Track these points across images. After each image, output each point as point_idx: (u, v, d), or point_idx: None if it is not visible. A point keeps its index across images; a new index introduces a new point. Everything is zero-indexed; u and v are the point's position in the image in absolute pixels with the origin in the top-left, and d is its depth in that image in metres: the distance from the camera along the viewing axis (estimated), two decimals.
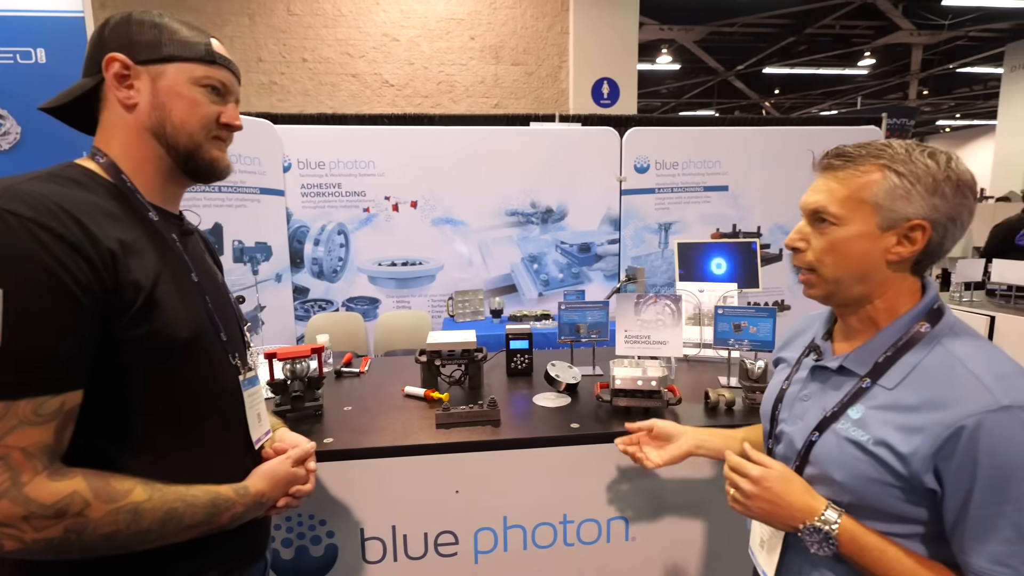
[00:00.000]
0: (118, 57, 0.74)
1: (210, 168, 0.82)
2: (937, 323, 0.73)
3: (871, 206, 0.71)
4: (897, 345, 0.73)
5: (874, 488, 0.70)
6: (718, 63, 9.21)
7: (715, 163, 3.58)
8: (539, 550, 1.28)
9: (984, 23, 7.43)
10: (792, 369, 0.88)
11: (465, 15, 4.99)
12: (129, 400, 0.70)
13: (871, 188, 0.71)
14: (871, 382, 0.74)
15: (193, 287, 0.79)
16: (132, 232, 0.72)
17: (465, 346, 1.55)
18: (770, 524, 0.79)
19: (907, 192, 0.69)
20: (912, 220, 0.70)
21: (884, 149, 0.72)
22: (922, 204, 0.69)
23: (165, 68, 0.76)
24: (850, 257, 0.73)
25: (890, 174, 0.70)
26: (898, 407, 0.70)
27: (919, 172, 0.69)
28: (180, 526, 0.70)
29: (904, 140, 0.74)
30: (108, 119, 0.78)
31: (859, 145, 0.74)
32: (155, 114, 0.76)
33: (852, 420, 0.74)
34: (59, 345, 0.62)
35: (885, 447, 0.69)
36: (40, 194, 0.64)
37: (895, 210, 0.70)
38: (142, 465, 0.70)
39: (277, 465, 0.87)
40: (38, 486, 0.60)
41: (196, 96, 0.78)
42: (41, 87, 2.16)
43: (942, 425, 0.65)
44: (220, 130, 0.82)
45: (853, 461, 0.72)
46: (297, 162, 3.30)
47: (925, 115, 13.57)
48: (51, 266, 0.61)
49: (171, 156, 0.78)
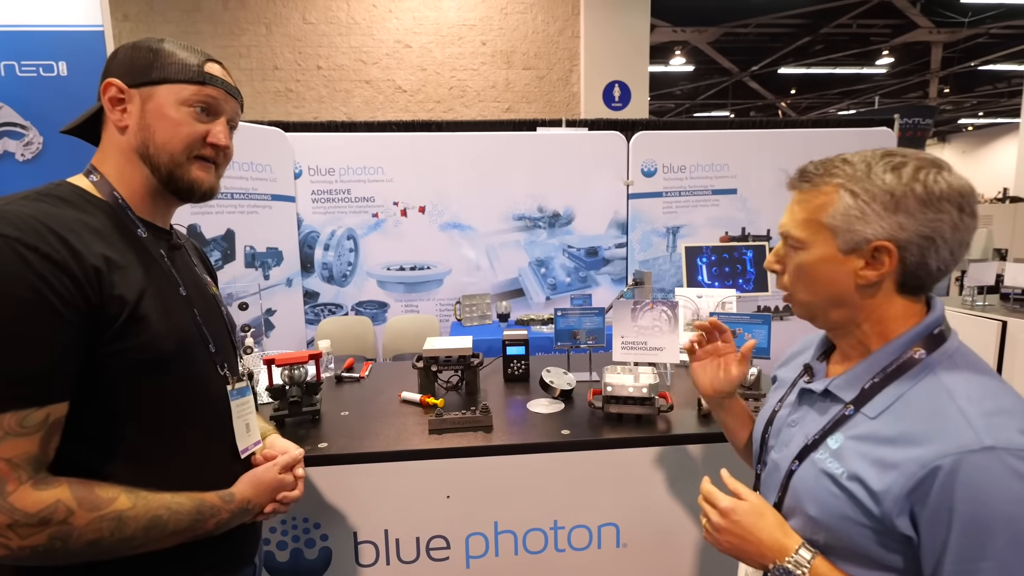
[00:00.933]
0: (113, 82, 0.78)
1: (190, 189, 0.82)
2: (935, 350, 0.66)
3: (828, 229, 0.67)
4: (887, 371, 0.67)
5: (848, 527, 0.64)
6: (732, 64, 9.12)
7: (723, 166, 3.56)
8: (530, 556, 1.29)
9: (1006, 20, 7.23)
10: (786, 391, 0.83)
11: (477, 21, 5.03)
12: (115, 411, 0.73)
13: (827, 210, 0.67)
14: (854, 409, 0.68)
15: (180, 301, 0.81)
16: (118, 249, 0.74)
17: (461, 352, 1.57)
18: (739, 560, 0.75)
19: (863, 213, 0.64)
20: (873, 242, 0.64)
21: (840, 167, 0.67)
22: (882, 224, 0.63)
23: (155, 90, 0.79)
24: (817, 281, 0.70)
25: (844, 194, 0.65)
26: (875, 439, 0.64)
27: (875, 190, 0.64)
28: (164, 532, 0.73)
29: (875, 152, 0.67)
30: (105, 140, 0.82)
31: (819, 162, 0.70)
32: (141, 135, 0.79)
33: (830, 450, 0.68)
34: (43, 359, 0.64)
35: (858, 482, 0.63)
36: (27, 215, 0.67)
37: (853, 232, 0.65)
38: (128, 474, 0.72)
39: (263, 472, 0.88)
40: (23, 495, 0.63)
41: (181, 117, 0.79)
42: (62, 99, 2.24)
43: (917, 463, 0.58)
44: (205, 149, 0.82)
45: (827, 495, 0.66)
46: (308, 169, 3.37)
47: (947, 113, 13.22)
48: (35, 284, 0.64)
49: (155, 176, 0.80)
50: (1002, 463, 0.55)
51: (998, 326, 2.31)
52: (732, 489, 0.76)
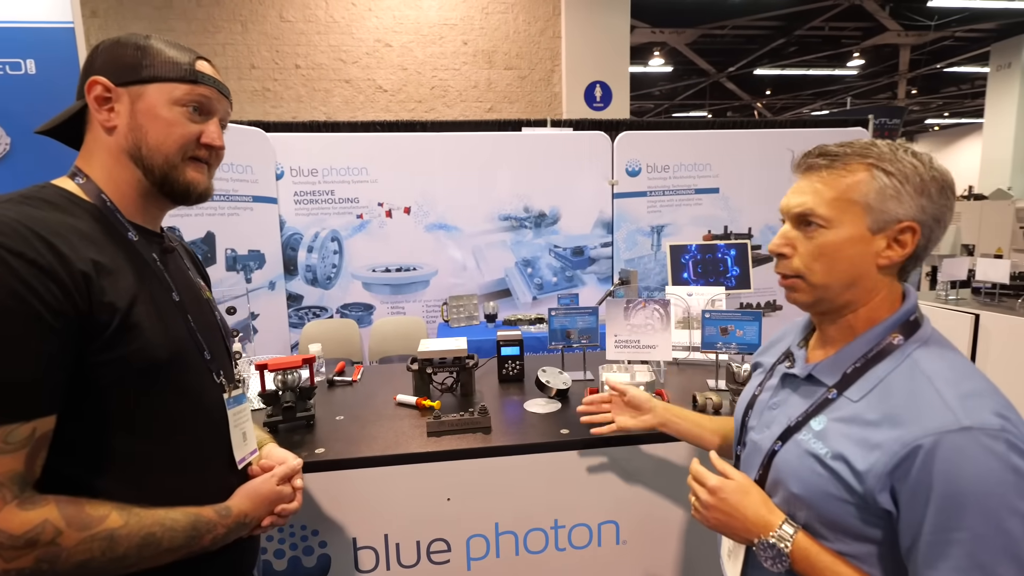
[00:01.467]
0: (99, 80, 0.74)
1: (185, 191, 0.80)
2: (911, 336, 0.69)
3: (861, 207, 0.67)
4: (868, 356, 0.70)
5: (831, 504, 0.67)
6: (710, 65, 9.27)
7: (706, 166, 3.62)
8: (531, 556, 1.29)
9: (970, 23, 7.51)
10: (766, 375, 0.86)
11: (458, 20, 5.01)
12: (105, 423, 0.69)
13: (860, 188, 0.67)
14: (837, 393, 0.71)
15: (174, 306, 0.78)
16: (108, 253, 0.71)
17: (456, 353, 1.56)
18: (726, 535, 0.78)
19: (897, 192, 0.66)
20: (903, 222, 0.67)
21: (870, 148, 0.69)
22: (911, 205, 0.66)
23: (145, 89, 0.76)
24: (840, 262, 0.69)
25: (879, 173, 0.67)
26: (859, 421, 0.67)
27: (907, 171, 0.66)
28: (158, 551, 0.69)
29: (890, 142, 0.70)
30: (90, 140, 0.78)
31: (842, 144, 0.70)
32: (132, 136, 0.75)
33: (814, 431, 0.71)
34: (29, 371, 0.61)
35: (842, 462, 0.66)
36: (11, 218, 0.64)
37: (886, 211, 0.67)
38: (119, 489, 0.69)
39: (261, 484, 0.86)
40: (8, 516, 0.60)
41: (174, 116, 0.77)
42: (31, 98, 2.16)
43: (899, 443, 0.62)
44: (199, 150, 0.80)
45: (810, 474, 0.69)
46: (290, 169, 3.31)
47: (914, 114, 13.68)
48: (19, 291, 0.61)
49: (148, 178, 0.77)
50: (977, 442, 0.58)
51: (971, 319, 2.39)
52: (720, 469, 0.80)
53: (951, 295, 2.74)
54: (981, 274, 2.60)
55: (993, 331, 2.33)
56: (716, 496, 0.77)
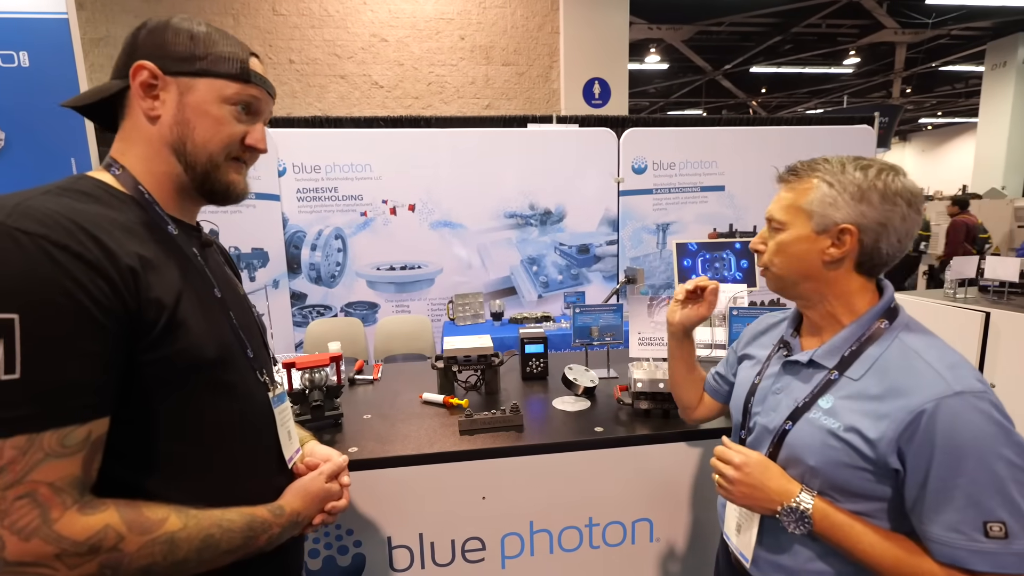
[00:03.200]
0: (147, 66, 0.70)
1: (226, 191, 0.78)
2: (894, 320, 0.81)
3: (806, 212, 0.81)
4: (860, 340, 0.81)
5: (844, 471, 0.77)
6: (706, 62, 9.29)
7: (711, 163, 3.62)
8: (565, 553, 1.28)
9: (966, 21, 7.59)
10: (763, 365, 0.95)
11: (455, 15, 4.96)
12: (155, 424, 0.67)
13: (807, 196, 0.81)
14: (839, 374, 0.81)
15: (217, 303, 0.76)
16: (151, 247, 0.68)
17: (481, 351, 1.55)
18: (750, 507, 0.86)
19: (834, 200, 0.79)
20: (840, 224, 0.79)
21: (822, 164, 0.83)
22: (848, 211, 0.78)
23: (196, 83, 0.73)
24: (792, 257, 0.84)
25: (822, 184, 0.81)
26: (864, 396, 0.77)
27: (846, 182, 0.79)
28: (217, 552, 0.68)
29: (848, 156, 0.83)
30: (129, 128, 0.74)
31: (806, 162, 0.85)
32: (177, 129, 0.73)
33: (823, 409, 0.81)
34: (83, 371, 0.59)
35: (855, 433, 0.76)
36: (52, 210, 0.61)
37: (826, 215, 0.80)
38: (171, 491, 0.67)
39: (310, 481, 0.84)
40: (69, 522, 0.58)
41: (223, 115, 0.74)
42: (25, 91, 2.10)
43: (905, 411, 0.72)
44: (243, 151, 0.78)
45: (825, 448, 0.78)
46: (292, 166, 3.27)
47: (908, 113, 13.81)
48: (69, 288, 0.58)
49: (188, 175, 0.75)
50: (968, 404, 0.70)
51: (981, 317, 2.41)
52: (737, 451, 0.88)
53: (959, 293, 2.77)
54: (990, 272, 2.62)
55: (1004, 329, 2.36)
56: (742, 471, 0.84)
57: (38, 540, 0.56)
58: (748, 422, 0.93)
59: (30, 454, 0.56)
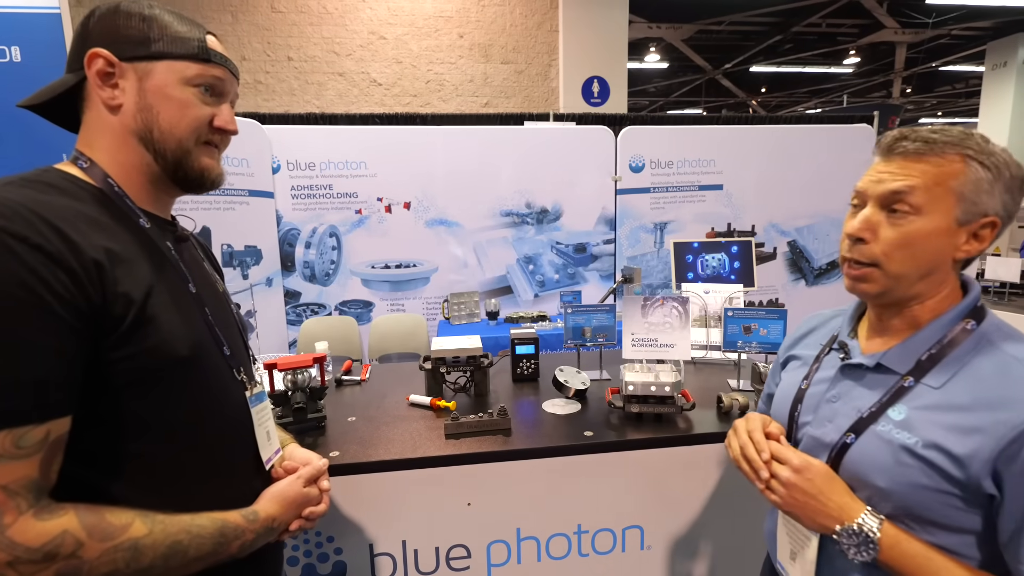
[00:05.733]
0: (101, 53, 0.68)
1: (200, 177, 0.75)
2: (981, 320, 0.69)
3: (955, 197, 0.65)
4: (942, 343, 0.69)
5: (921, 494, 0.65)
6: (706, 61, 9.25)
7: (710, 162, 3.58)
8: (553, 561, 1.25)
9: (967, 21, 7.55)
10: (810, 368, 0.83)
11: (453, 12, 4.92)
12: (123, 425, 0.64)
13: (958, 178, 0.65)
14: (914, 380, 0.69)
15: (191, 299, 0.73)
16: (121, 240, 0.66)
17: (470, 352, 1.51)
18: (800, 520, 0.73)
19: (991, 186, 0.65)
20: (988, 216, 0.66)
21: (967, 138, 0.66)
22: (998, 200, 0.66)
23: (154, 66, 0.70)
24: (924, 253, 0.67)
25: (976, 165, 0.65)
26: (948, 407, 0.66)
27: (1000, 166, 0.65)
28: (185, 559, 0.65)
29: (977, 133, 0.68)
30: (91, 120, 0.71)
31: (936, 130, 0.68)
32: (141, 117, 0.70)
33: (895, 422, 0.69)
34: (40, 368, 0.56)
35: (937, 450, 0.64)
36: (13, 201, 0.58)
37: (978, 204, 0.65)
38: (140, 496, 0.64)
39: (288, 486, 0.82)
40: (23, 527, 0.55)
41: (187, 97, 0.71)
42: (17, 87, 2.07)
43: (1007, 426, 0.61)
44: (212, 134, 0.75)
45: (898, 466, 0.67)
46: (287, 163, 3.24)
47: (908, 113, 13.78)
48: (27, 280, 0.55)
49: (159, 163, 0.72)
50: None
51: None
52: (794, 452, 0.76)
53: None
54: (991, 272, 2.59)
55: None
56: (802, 475, 0.72)
57: None
58: (796, 433, 0.81)
59: None
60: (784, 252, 3.77)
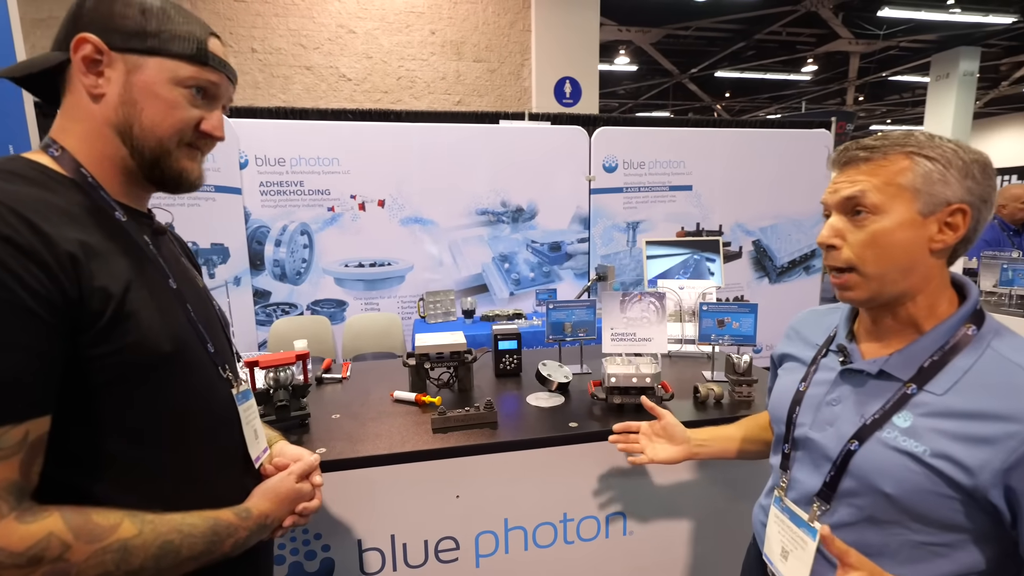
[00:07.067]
0: (91, 39, 0.65)
1: (178, 179, 0.73)
2: (982, 325, 0.70)
3: (910, 192, 0.67)
4: (944, 349, 0.69)
5: (928, 499, 0.66)
6: (673, 65, 9.47)
7: (680, 163, 3.68)
8: (540, 550, 1.27)
9: (914, 34, 7.99)
10: (808, 369, 0.84)
11: (425, 8, 4.89)
12: (107, 424, 0.62)
13: (906, 174, 0.68)
14: (917, 387, 0.69)
15: (172, 294, 0.71)
16: (95, 234, 0.63)
17: (454, 348, 1.52)
18: None
19: (943, 175, 0.66)
20: (952, 204, 0.67)
21: (907, 137, 0.69)
22: (958, 187, 0.67)
23: (145, 61, 0.67)
24: (894, 249, 0.69)
25: (921, 159, 0.67)
26: (953, 414, 0.66)
27: (948, 155, 0.67)
28: (178, 559, 0.64)
29: (921, 131, 0.71)
30: (70, 105, 0.68)
31: (879, 137, 0.72)
32: (123, 110, 0.67)
33: (900, 429, 0.69)
34: (15, 366, 0.54)
35: (945, 459, 0.64)
36: None
37: (934, 194, 0.67)
38: (128, 496, 0.63)
39: (279, 482, 0.81)
40: (6, 531, 0.53)
41: (175, 98, 0.69)
42: None
43: (1018, 439, 0.61)
44: (197, 138, 0.73)
45: (906, 473, 0.67)
46: (255, 158, 3.15)
47: (860, 120, 14.46)
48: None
49: (135, 159, 0.69)
50: None
51: None
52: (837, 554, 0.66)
53: None
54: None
55: None
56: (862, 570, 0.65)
57: None
58: (792, 433, 0.82)
59: None
60: (749, 251, 3.91)
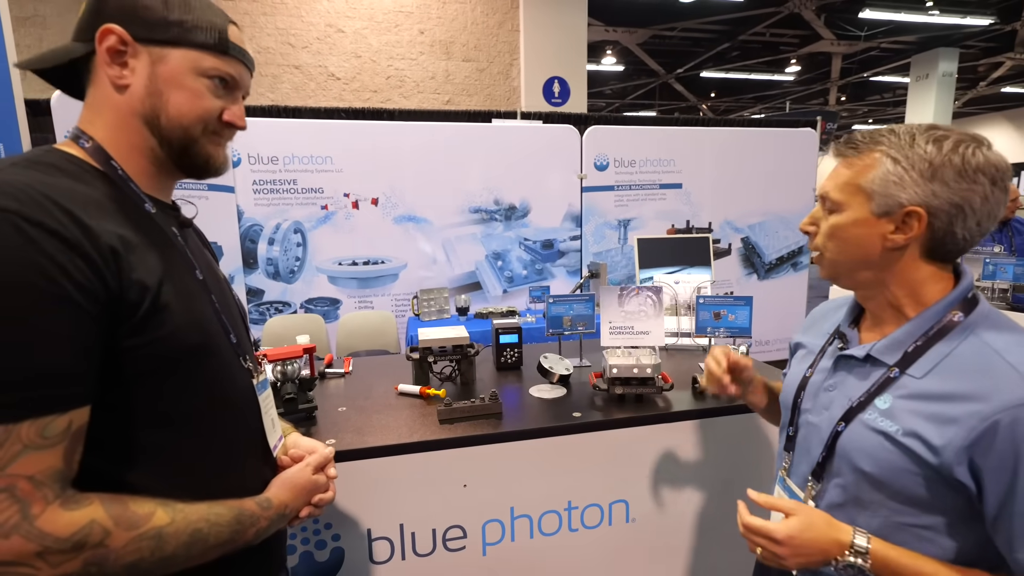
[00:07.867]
0: (115, 30, 0.65)
1: (205, 165, 0.75)
2: (971, 312, 0.71)
3: (866, 192, 0.71)
4: (928, 334, 0.72)
5: (902, 476, 0.69)
6: (659, 66, 9.57)
7: (670, 161, 3.74)
8: (545, 538, 1.30)
9: (894, 36, 8.18)
10: (816, 357, 0.87)
11: (414, 8, 4.89)
12: (137, 413, 0.64)
13: (867, 174, 0.71)
14: (899, 371, 0.72)
15: (199, 286, 0.73)
16: (130, 226, 0.64)
17: (457, 341, 1.55)
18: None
19: (900, 179, 0.68)
20: (906, 207, 0.68)
21: (887, 136, 0.71)
22: (916, 190, 0.68)
23: (169, 52, 0.68)
24: (847, 242, 0.74)
25: (885, 159, 0.70)
26: (927, 396, 0.69)
27: (914, 157, 0.68)
28: (205, 547, 0.65)
29: (921, 125, 0.71)
30: (95, 97, 0.69)
31: (868, 131, 0.74)
32: (149, 101, 0.68)
33: (880, 410, 0.72)
34: (62, 357, 0.55)
35: (915, 438, 0.68)
36: (24, 183, 0.57)
37: (889, 196, 0.69)
38: (153, 483, 0.64)
39: (297, 473, 0.82)
40: (51, 518, 0.54)
41: (199, 88, 0.70)
42: None
43: (978, 417, 0.63)
44: (220, 127, 0.74)
45: (882, 452, 0.71)
46: (248, 156, 3.14)
47: (843, 119, 14.74)
48: (46, 267, 0.54)
49: (163, 149, 0.71)
50: None
51: None
52: (769, 506, 0.76)
53: None
54: None
55: None
56: (790, 545, 0.72)
57: (18, 538, 0.53)
58: (796, 419, 0.86)
59: (7, 446, 0.53)
60: (738, 248, 3.98)
